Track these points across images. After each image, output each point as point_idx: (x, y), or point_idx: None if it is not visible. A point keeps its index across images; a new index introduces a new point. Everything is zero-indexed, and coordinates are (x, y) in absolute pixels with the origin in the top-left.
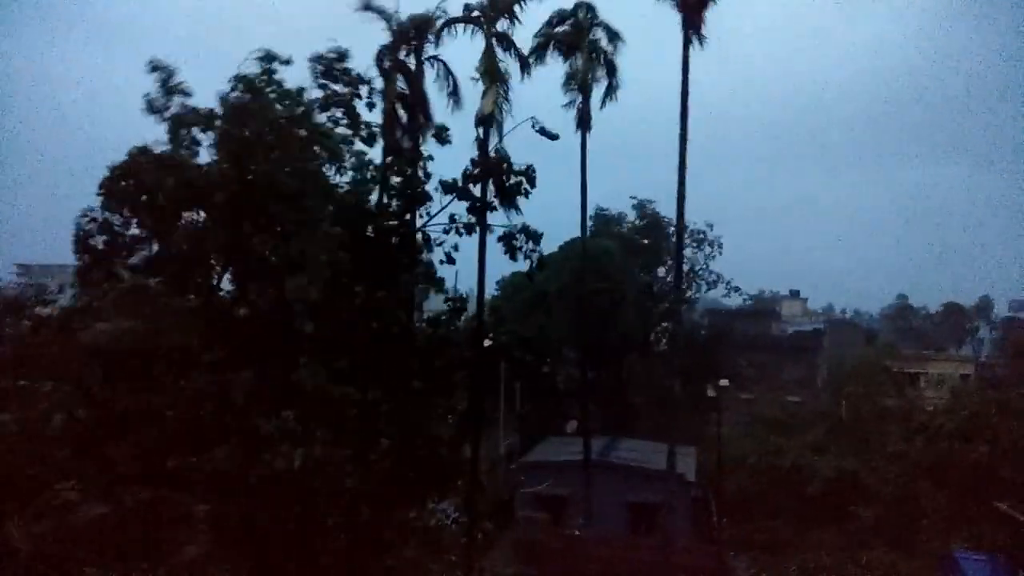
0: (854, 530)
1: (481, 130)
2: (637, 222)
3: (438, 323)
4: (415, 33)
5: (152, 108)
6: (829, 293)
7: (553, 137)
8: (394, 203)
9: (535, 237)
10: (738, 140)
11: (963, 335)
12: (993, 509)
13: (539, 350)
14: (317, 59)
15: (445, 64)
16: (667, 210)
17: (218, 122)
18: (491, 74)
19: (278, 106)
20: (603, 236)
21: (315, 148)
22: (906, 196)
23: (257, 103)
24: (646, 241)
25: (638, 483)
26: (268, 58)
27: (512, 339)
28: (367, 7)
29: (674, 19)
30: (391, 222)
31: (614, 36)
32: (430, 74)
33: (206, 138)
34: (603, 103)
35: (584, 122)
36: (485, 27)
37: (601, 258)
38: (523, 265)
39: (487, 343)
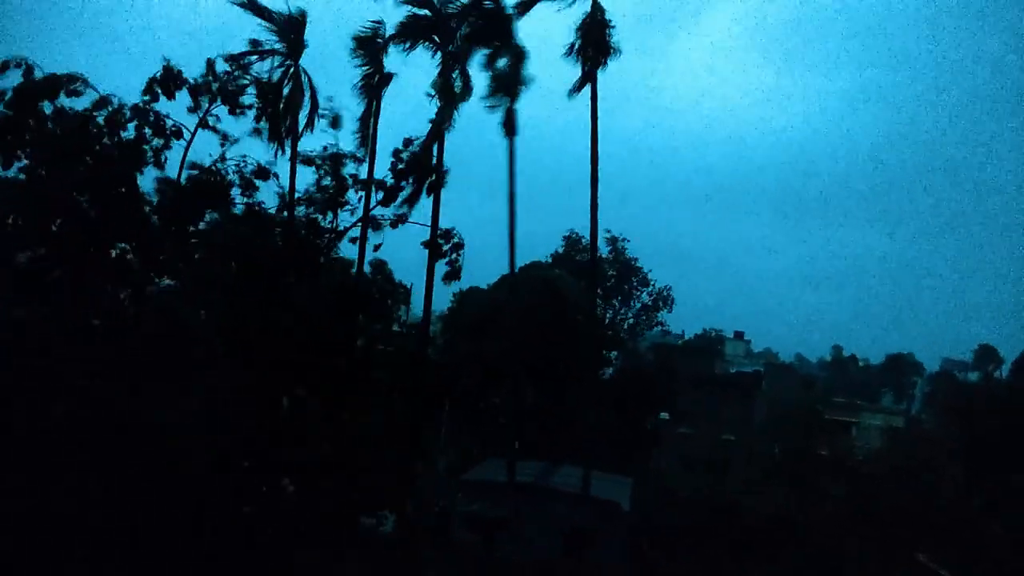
0: (786, 570)
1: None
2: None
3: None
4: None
5: None
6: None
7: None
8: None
9: (457, 245)
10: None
11: (901, 388)
12: (915, 560)
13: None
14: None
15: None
16: (636, 248)
17: None
18: (445, 92)
19: None
20: (567, 261)
21: None
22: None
23: None
24: (612, 273)
25: (574, 509)
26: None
27: (453, 359)
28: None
29: None
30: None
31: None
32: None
33: None
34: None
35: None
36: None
37: (557, 283)
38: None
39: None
